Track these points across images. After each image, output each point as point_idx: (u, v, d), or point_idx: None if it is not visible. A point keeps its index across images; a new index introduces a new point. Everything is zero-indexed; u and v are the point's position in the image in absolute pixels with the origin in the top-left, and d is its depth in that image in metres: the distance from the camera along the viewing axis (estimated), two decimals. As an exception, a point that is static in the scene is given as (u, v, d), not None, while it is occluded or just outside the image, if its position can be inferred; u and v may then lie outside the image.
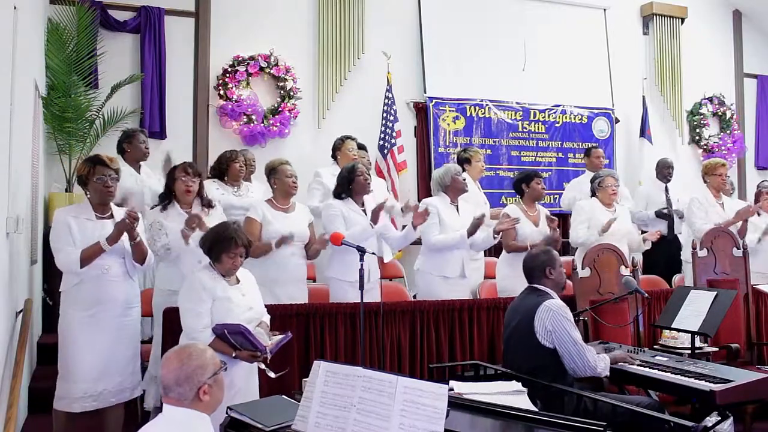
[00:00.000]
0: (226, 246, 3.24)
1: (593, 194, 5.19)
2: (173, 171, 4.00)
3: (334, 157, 5.49)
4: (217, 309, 3.20)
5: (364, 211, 4.41)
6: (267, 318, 3.47)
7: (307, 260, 4.36)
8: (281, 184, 4.27)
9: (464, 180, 4.77)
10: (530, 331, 3.28)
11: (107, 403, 3.53)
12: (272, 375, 3.17)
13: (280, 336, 3.29)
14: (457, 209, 4.70)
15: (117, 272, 3.55)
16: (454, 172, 4.71)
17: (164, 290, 3.93)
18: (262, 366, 3.16)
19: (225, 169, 4.95)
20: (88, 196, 3.55)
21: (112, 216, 3.58)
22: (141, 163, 4.95)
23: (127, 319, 3.61)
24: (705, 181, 5.55)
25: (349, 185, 4.39)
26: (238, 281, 3.36)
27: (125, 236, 3.52)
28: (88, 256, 3.41)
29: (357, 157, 5.40)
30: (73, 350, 3.46)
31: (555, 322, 3.24)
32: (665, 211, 6.18)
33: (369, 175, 4.54)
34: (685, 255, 5.54)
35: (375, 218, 4.31)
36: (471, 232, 4.50)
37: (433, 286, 4.53)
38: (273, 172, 4.33)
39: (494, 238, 4.65)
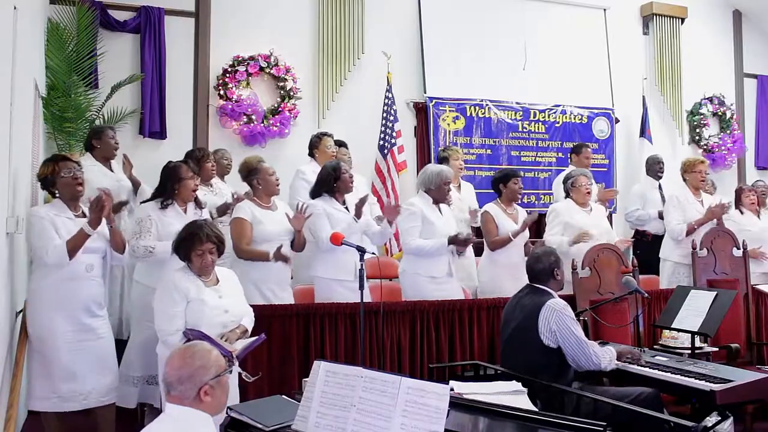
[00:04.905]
0: (191, 244, 3.20)
1: (567, 195, 5.04)
2: (177, 170, 3.93)
3: (311, 154, 5.48)
4: (190, 311, 3.17)
5: (347, 208, 4.40)
6: (250, 320, 3.40)
7: (295, 252, 4.27)
8: (265, 183, 4.22)
9: (449, 191, 4.69)
10: (534, 331, 3.30)
11: (98, 403, 3.52)
12: (248, 378, 3.16)
13: (251, 339, 3.23)
14: (440, 209, 4.63)
15: (97, 272, 3.59)
16: (445, 180, 4.58)
17: (142, 284, 3.89)
18: (239, 369, 3.14)
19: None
20: (58, 195, 3.54)
21: (84, 215, 3.56)
22: (112, 161, 4.84)
23: (103, 319, 3.62)
24: (684, 179, 5.51)
25: (333, 184, 4.38)
26: (217, 281, 3.31)
27: (106, 232, 3.53)
28: (74, 246, 3.40)
29: (336, 154, 5.40)
30: (59, 350, 3.43)
31: (559, 322, 3.27)
32: None
33: (351, 173, 4.51)
34: (664, 253, 5.49)
35: (358, 213, 4.33)
36: (452, 241, 4.47)
37: (420, 287, 4.46)
38: (254, 171, 4.26)
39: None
